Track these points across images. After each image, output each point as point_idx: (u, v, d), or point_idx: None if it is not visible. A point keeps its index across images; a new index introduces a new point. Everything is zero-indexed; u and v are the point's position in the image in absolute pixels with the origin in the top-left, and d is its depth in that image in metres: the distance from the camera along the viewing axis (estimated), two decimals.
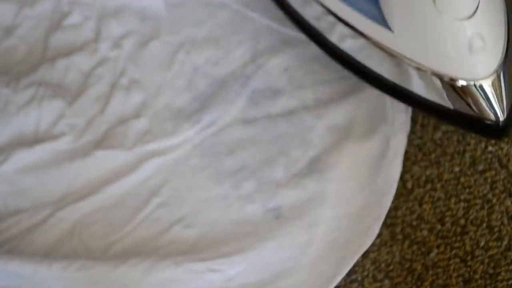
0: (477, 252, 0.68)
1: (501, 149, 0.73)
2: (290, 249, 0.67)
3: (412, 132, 0.73)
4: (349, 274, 0.67)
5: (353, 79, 0.72)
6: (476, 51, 0.59)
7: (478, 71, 0.60)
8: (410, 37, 0.61)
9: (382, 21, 0.62)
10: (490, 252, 0.68)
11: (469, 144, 0.73)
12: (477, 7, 0.58)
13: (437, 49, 0.60)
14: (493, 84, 0.60)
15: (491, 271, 0.67)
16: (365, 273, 0.67)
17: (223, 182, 0.70)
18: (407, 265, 0.68)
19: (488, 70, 0.59)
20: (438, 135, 0.73)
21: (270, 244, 0.67)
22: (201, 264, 0.65)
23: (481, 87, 0.60)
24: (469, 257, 0.68)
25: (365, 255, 0.68)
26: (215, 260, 0.66)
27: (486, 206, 0.70)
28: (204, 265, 0.65)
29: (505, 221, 0.69)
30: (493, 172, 0.72)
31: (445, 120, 0.66)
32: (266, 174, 0.71)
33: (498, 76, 0.60)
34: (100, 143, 0.72)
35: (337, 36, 0.67)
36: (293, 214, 0.68)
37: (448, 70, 0.60)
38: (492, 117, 0.61)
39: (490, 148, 0.73)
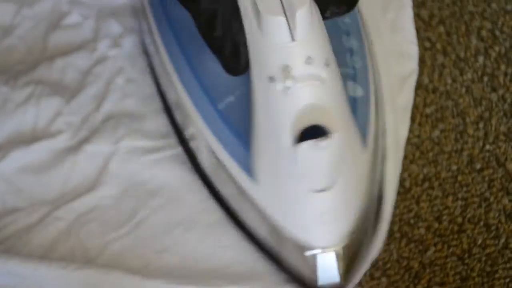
0: (474, 250, 0.68)
1: (499, 148, 0.73)
2: None
3: (409, 130, 0.73)
4: None
5: None
6: (325, 223, 0.59)
7: (324, 242, 0.60)
8: (271, 196, 0.61)
9: (250, 172, 0.61)
10: (487, 250, 0.68)
11: (466, 143, 0.73)
12: (333, 183, 0.58)
13: (292, 214, 0.60)
14: (336, 256, 0.60)
15: (488, 269, 0.67)
16: None
17: None
18: (405, 263, 0.68)
19: (334, 243, 0.60)
20: (436, 133, 0.73)
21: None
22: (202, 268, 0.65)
23: (323, 256, 0.60)
24: (466, 255, 0.68)
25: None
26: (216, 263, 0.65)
27: (483, 205, 0.70)
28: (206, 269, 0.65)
29: (502, 220, 0.69)
30: (490, 171, 0.72)
31: (296, 283, 0.65)
32: None
33: (343, 249, 0.60)
34: (91, 137, 0.72)
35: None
36: None
37: (298, 235, 0.60)
38: (329, 285, 0.61)
39: (487, 146, 0.73)
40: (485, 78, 0.77)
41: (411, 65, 0.74)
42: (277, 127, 0.58)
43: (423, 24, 0.79)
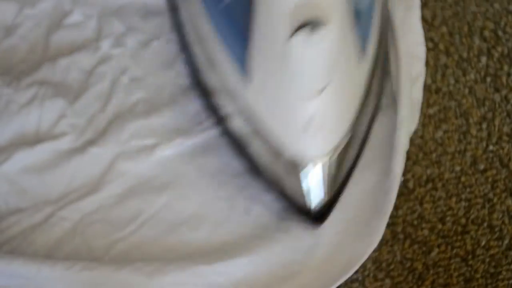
0: (478, 252, 0.68)
1: (502, 148, 0.73)
2: (297, 252, 0.66)
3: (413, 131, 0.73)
4: None
5: None
6: (311, 132, 0.57)
7: (308, 153, 0.58)
8: (262, 95, 0.60)
9: (244, 70, 0.61)
10: (491, 252, 0.68)
11: (470, 143, 0.73)
12: (327, 84, 0.57)
13: (279, 120, 0.59)
14: (319, 169, 0.59)
15: (492, 270, 0.67)
16: (366, 272, 0.67)
17: (228, 183, 0.70)
18: (408, 264, 0.68)
19: (318, 154, 0.58)
20: (439, 134, 0.73)
21: (277, 247, 0.66)
22: (207, 267, 0.65)
23: (305, 168, 0.59)
24: (470, 257, 0.68)
25: (370, 252, 0.67)
26: (221, 262, 0.65)
27: (487, 206, 0.70)
28: (210, 268, 0.65)
29: (506, 221, 0.69)
30: (494, 171, 0.72)
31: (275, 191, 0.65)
32: None
33: (325, 163, 0.59)
34: (97, 139, 0.71)
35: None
36: (301, 216, 0.68)
37: (281, 142, 0.59)
38: (307, 202, 0.61)
39: (491, 147, 0.73)
40: (488, 79, 0.77)
41: (419, 67, 0.74)
42: (275, 18, 0.57)
43: (426, 25, 0.79)
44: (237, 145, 0.67)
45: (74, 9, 0.80)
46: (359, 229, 0.67)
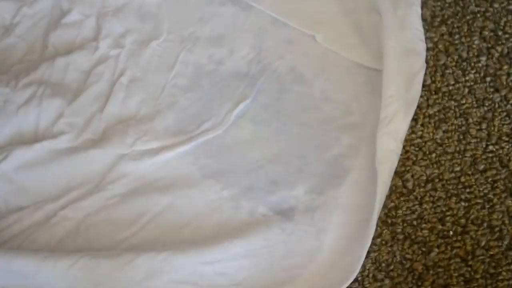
0: (478, 252, 0.68)
1: (502, 148, 0.73)
2: (300, 255, 0.66)
3: (412, 131, 0.73)
4: None
5: (364, 77, 0.72)
6: None
7: None
8: None
9: None
10: (491, 252, 0.68)
11: (469, 144, 0.73)
12: None
13: None
14: None
15: (492, 270, 0.67)
16: (366, 272, 0.67)
17: (233, 183, 0.69)
18: (408, 265, 0.67)
19: None
20: (439, 134, 0.73)
21: (280, 250, 0.66)
22: (209, 267, 0.65)
23: None
24: (470, 257, 0.68)
25: (365, 255, 0.67)
26: (223, 263, 0.65)
27: (487, 206, 0.70)
28: (212, 269, 0.65)
29: (506, 221, 0.69)
30: (493, 172, 0.72)
31: None
32: (279, 176, 0.70)
33: None
34: (100, 142, 0.71)
35: None
36: (306, 218, 0.68)
37: None
38: None
39: (490, 147, 0.73)
40: (488, 79, 0.77)
41: (419, 62, 0.74)
42: None
43: (425, 24, 0.79)
44: None
45: (73, 8, 0.80)
46: (359, 231, 0.67)
